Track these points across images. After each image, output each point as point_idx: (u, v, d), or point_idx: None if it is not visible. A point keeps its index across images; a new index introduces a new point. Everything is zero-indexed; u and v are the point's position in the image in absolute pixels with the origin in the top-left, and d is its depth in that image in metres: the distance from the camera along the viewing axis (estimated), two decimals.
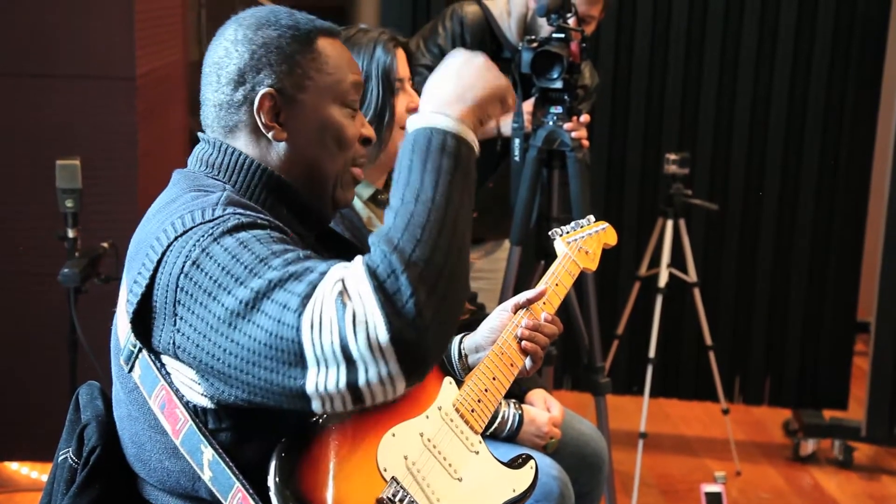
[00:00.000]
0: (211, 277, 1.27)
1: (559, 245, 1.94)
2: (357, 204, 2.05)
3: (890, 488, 3.59)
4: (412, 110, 1.54)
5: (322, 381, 1.20)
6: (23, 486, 3.17)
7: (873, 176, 3.78)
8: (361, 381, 1.19)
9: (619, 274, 3.78)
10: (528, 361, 1.74)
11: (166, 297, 1.30)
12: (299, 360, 1.20)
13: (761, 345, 3.92)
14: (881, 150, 3.73)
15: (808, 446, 3.76)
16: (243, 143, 1.48)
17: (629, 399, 3.92)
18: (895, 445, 3.74)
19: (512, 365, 1.71)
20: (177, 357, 1.32)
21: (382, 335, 1.17)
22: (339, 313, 1.18)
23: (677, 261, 3.54)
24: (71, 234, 2.75)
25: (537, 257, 2.96)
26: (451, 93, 1.37)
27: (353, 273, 1.21)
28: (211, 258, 1.28)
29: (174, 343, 1.31)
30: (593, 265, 1.97)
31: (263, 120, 1.46)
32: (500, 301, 2.90)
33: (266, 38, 1.46)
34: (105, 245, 2.84)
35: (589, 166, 2.85)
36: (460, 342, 1.80)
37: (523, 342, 1.73)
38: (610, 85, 3.76)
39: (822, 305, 3.86)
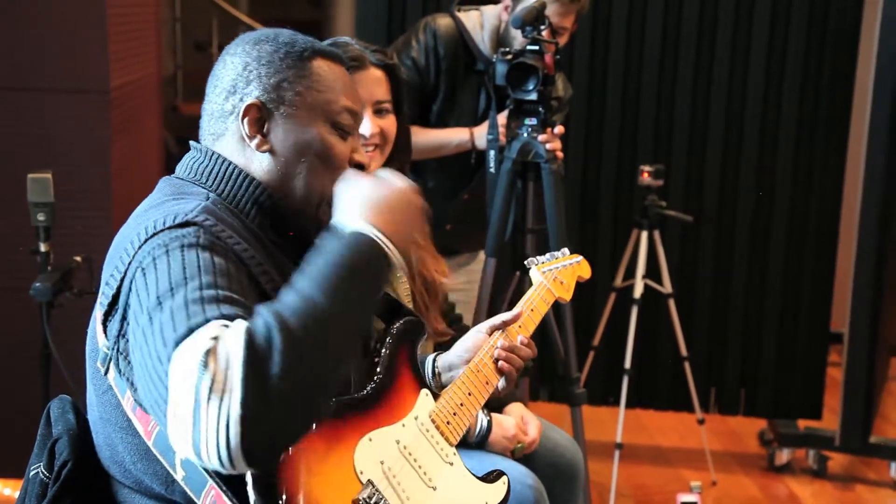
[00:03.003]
0: (147, 289, 1.29)
1: (535, 274, 1.98)
2: None
3: (864, 497, 3.61)
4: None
5: (173, 426, 1.18)
6: None
7: (846, 187, 3.81)
8: (202, 446, 1.16)
9: (595, 285, 3.79)
10: (501, 381, 1.78)
11: (127, 300, 1.33)
12: (164, 385, 1.20)
13: (736, 355, 3.94)
14: (853, 162, 3.77)
15: (783, 456, 3.78)
16: (229, 151, 1.50)
17: (605, 410, 3.93)
18: (869, 455, 3.76)
19: (487, 383, 1.75)
20: (127, 358, 1.34)
21: (235, 410, 1.14)
22: (199, 374, 1.16)
23: (652, 272, 3.56)
24: (43, 248, 2.73)
25: (512, 269, 2.97)
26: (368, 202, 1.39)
27: (230, 333, 1.19)
28: (155, 269, 1.30)
29: (126, 345, 1.33)
30: (567, 295, 2.01)
31: (247, 129, 1.48)
32: (476, 312, 2.92)
33: (261, 52, 1.50)
34: (78, 259, 2.82)
35: (563, 178, 2.86)
36: (434, 360, 1.82)
37: (499, 362, 1.76)
38: (584, 97, 3.78)
39: (796, 316, 3.89)
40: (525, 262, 2.01)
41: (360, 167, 1.56)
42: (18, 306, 3.01)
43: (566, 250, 2.10)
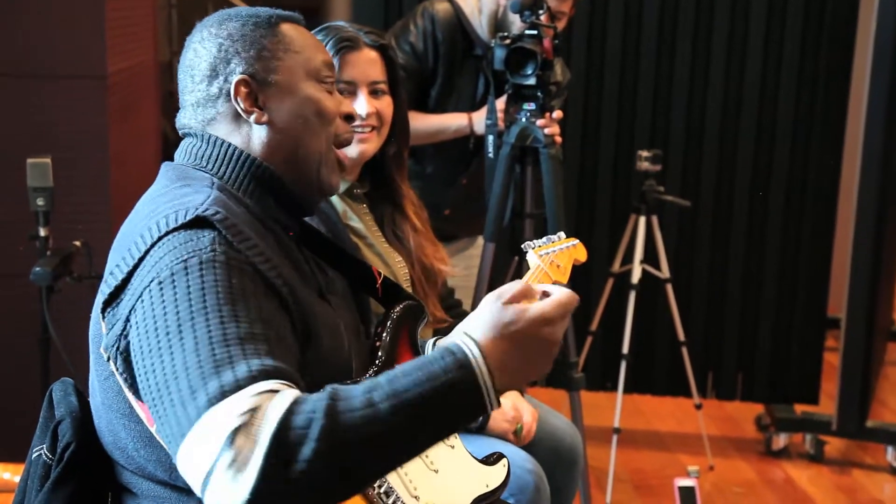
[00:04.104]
0: (164, 307, 1.27)
1: (531, 257, 1.96)
2: (333, 198, 2.04)
3: (860, 481, 3.63)
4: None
5: (187, 465, 1.17)
6: None
7: (843, 173, 3.81)
8: (206, 497, 1.15)
9: (593, 270, 3.79)
10: None
11: (131, 300, 1.32)
12: (182, 431, 1.19)
13: (733, 340, 3.95)
14: (850, 148, 3.77)
15: (780, 440, 3.79)
16: (224, 133, 1.50)
17: (603, 395, 3.94)
18: (865, 439, 3.78)
19: None
20: (127, 360, 1.33)
21: (243, 492, 1.10)
22: (224, 446, 1.13)
23: (650, 257, 3.56)
24: (42, 232, 2.73)
25: (511, 254, 2.97)
26: (507, 350, 1.24)
27: (266, 413, 1.14)
28: (173, 288, 1.28)
29: (127, 346, 1.32)
30: (564, 279, 2.00)
31: (243, 105, 1.48)
32: (475, 298, 2.92)
33: (230, 30, 1.50)
34: (77, 244, 2.82)
35: (562, 162, 2.87)
36: (433, 345, 1.80)
37: None
38: (582, 82, 3.77)
39: (794, 302, 3.89)
40: (521, 246, 2.01)
41: (350, 118, 1.57)
42: (18, 291, 3.02)
43: (563, 234, 2.10)
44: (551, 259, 1.98)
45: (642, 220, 3.50)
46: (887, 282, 4.23)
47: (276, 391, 1.18)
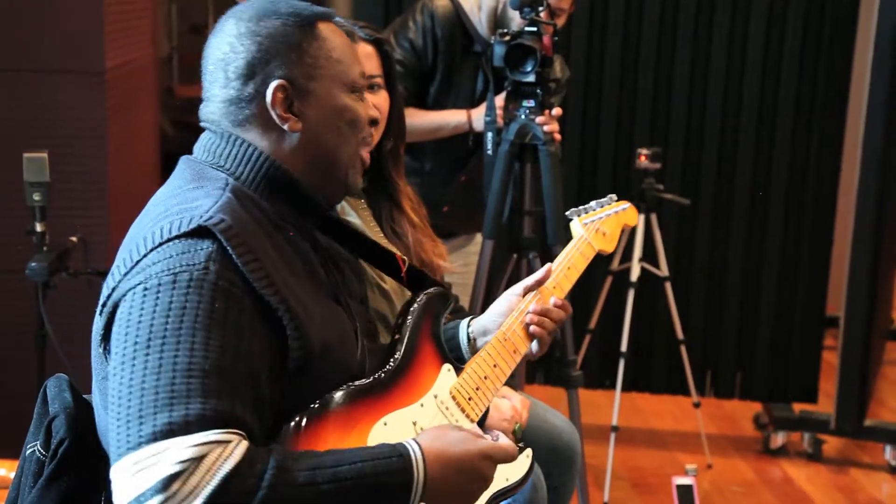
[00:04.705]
0: (141, 316, 1.27)
1: (575, 226, 1.90)
2: None
3: (858, 480, 3.63)
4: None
5: (116, 483, 1.21)
6: None
7: (842, 171, 3.81)
8: None
9: (592, 268, 3.76)
10: (534, 345, 1.73)
11: (117, 299, 1.33)
12: (120, 451, 1.21)
13: (732, 339, 3.95)
14: (850, 146, 3.76)
15: (779, 439, 3.79)
16: (253, 136, 1.47)
17: (601, 393, 3.93)
18: (864, 438, 3.77)
19: (515, 352, 1.69)
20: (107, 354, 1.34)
21: None
22: (156, 488, 1.16)
23: (649, 255, 3.56)
24: (39, 228, 2.72)
25: (510, 251, 2.97)
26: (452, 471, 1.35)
27: (209, 468, 1.18)
28: (156, 299, 1.28)
29: (109, 348, 1.33)
30: (610, 247, 1.94)
31: (278, 111, 1.45)
32: (473, 295, 2.92)
33: (270, 29, 1.45)
34: (74, 239, 2.81)
35: (561, 160, 2.86)
36: (468, 325, 1.79)
37: (531, 327, 1.72)
38: (582, 79, 3.77)
39: (793, 300, 3.89)
40: (566, 213, 1.94)
41: (374, 122, 1.56)
42: (14, 287, 3.01)
43: (614, 196, 2.03)
44: (597, 227, 1.92)
45: (641, 217, 3.50)
46: (886, 281, 4.22)
47: (226, 442, 1.20)
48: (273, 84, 1.44)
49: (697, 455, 3.69)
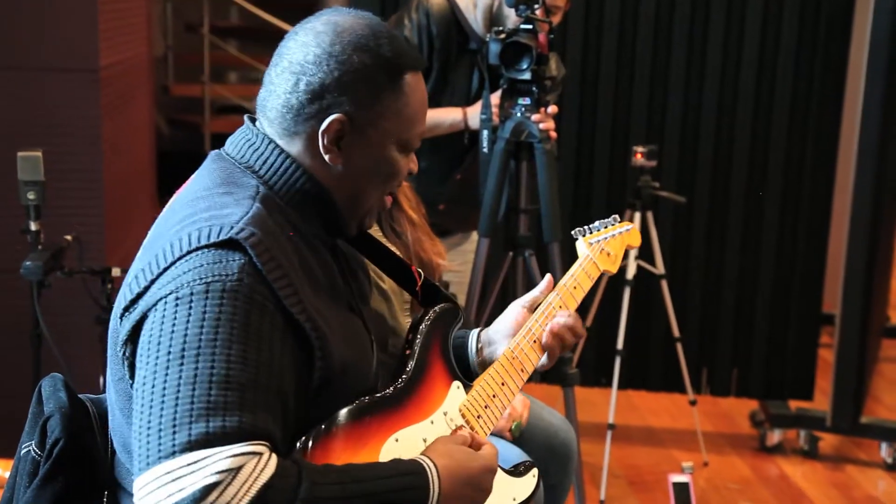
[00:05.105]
0: (174, 326, 1.26)
1: (581, 246, 1.91)
2: None
3: (854, 477, 3.63)
4: None
5: (144, 494, 1.19)
6: None
7: (838, 169, 3.81)
8: None
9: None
10: (544, 358, 1.76)
11: (146, 306, 1.31)
12: (150, 460, 1.20)
13: (728, 337, 3.95)
14: (846, 143, 3.76)
15: (775, 436, 3.79)
16: (298, 150, 1.45)
17: (597, 391, 3.93)
18: (859, 435, 3.78)
19: (522, 370, 1.70)
20: (131, 360, 1.33)
21: None
22: (193, 497, 1.16)
23: (645, 253, 3.55)
24: (33, 226, 2.71)
25: (505, 249, 2.96)
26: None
27: (246, 480, 1.18)
28: (189, 308, 1.27)
29: (134, 353, 1.33)
30: (614, 267, 1.95)
31: (325, 142, 1.43)
32: (469, 292, 2.91)
33: (361, 63, 1.42)
34: (69, 238, 2.81)
35: (557, 158, 2.85)
36: (478, 335, 1.80)
37: (545, 340, 1.74)
38: (578, 77, 3.76)
39: (788, 298, 3.89)
40: (572, 233, 1.95)
41: (409, 174, 1.54)
42: (9, 286, 3.00)
43: (617, 217, 2.04)
44: (601, 247, 1.93)
45: (637, 215, 3.49)
46: (882, 278, 4.23)
47: (260, 454, 1.20)
48: (334, 116, 1.41)
49: (694, 452, 3.69)
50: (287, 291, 1.32)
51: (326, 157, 1.44)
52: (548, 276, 1.83)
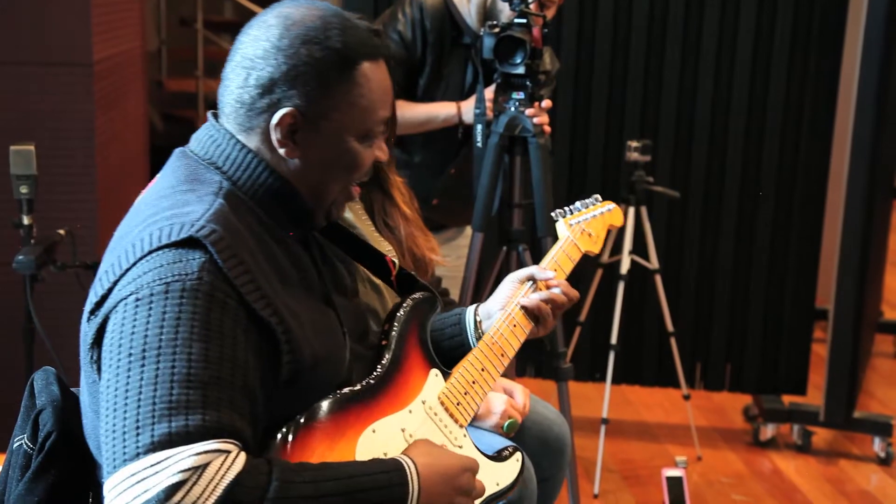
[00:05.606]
0: (134, 327, 1.26)
1: (561, 227, 1.88)
2: None
3: (847, 471, 3.64)
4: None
5: (113, 496, 1.19)
6: None
7: (832, 164, 3.81)
8: None
9: (582, 261, 3.77)
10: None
11: (107, 309, 1.31)
12: (115, 463, 1.20)
13: (722, 331, 3.95)
14: (839, 139, 3.77)
15: (768, 431, 3.79)
16: (256, 144, 1.44)
17: (591, 386, 3.94)
18: (853, 430, 3.78)
19: (503, 355, 1.69)
20: (99, 370, 1.33)
21: None
22: (157, 497, 1.16)
23: (639, 248, 3.55)
24: (26, 220, 2.70)
25: (499, 243, 2.96)
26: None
27: (211, 479, 1.17)
28: (148, 309, 1.26)
29: (100, 356, 1.32)
30: (596, 248, 1.92)
31: (277, 136, 1.42)
32: (463, 287, 2.91)
33: (309, 56, 1.40)
34: (61, 232, 2.80)
35: (551, 152, 2.85)
36: (476, 309, 1.80)
37: (538, 307, 1.75)
38: (572, 71, 3.76)
39: (782, 293, 3.89)
40: (552, 214, 1.94)
41: (378, 162, 1.52)
42: (1, 280, 3.00)
43: (598, 197, 2.02)
44: (582, 228, 1.91)
45: (631, 210, 3.50)
46: (875, 273, 4.23)
47: (227, 452, 1.19)
48: (285, 110, 1.40)
49: (687, 447, 3.69)
50: (249, 287, 1.31)
51: (282, 152, 1.43)
52: (542, 264, 1.84)
